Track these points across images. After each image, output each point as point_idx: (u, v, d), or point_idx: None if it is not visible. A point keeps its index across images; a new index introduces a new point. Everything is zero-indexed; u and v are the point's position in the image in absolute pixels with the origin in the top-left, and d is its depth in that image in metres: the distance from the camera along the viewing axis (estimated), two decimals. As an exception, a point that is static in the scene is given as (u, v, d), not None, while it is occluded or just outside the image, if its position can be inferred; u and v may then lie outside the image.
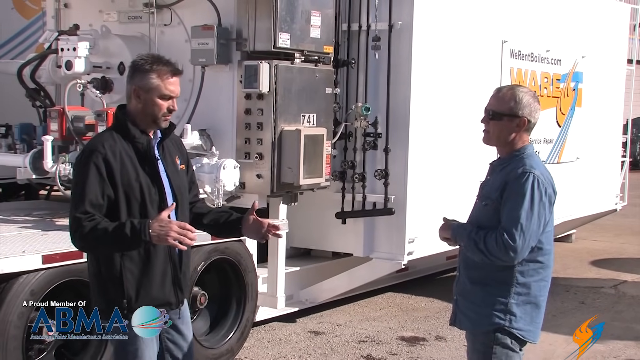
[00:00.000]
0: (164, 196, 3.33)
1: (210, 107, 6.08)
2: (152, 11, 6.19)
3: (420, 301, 7.81)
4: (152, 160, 3.32)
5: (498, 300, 3.35)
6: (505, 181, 3.34)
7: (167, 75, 3.29)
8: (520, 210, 3.24)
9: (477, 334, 3.44)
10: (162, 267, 3.32)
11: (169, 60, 3.37)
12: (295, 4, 5.81)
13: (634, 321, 7.32)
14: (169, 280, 3.36)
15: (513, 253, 3.23)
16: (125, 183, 3.22)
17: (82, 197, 3.16)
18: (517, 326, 3.35)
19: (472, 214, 3.54)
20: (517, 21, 7.83)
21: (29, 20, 8.62)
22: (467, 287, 3.47)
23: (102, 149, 3.20)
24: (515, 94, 3.40)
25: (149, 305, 3.31)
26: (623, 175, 10.59)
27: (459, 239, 3.43)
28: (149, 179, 3.29)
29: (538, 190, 3.27)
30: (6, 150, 6.57)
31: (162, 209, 3.27)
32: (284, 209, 6.23)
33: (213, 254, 5.63)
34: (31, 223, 5.65)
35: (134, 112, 3.31)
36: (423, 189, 6.69)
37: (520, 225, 3.22)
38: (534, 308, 3.40)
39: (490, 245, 3.26)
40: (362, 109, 6.37)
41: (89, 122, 5.85)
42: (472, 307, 3.44)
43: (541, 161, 3.54)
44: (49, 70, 6.49)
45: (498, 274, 3.35)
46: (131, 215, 3.24)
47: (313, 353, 6.12)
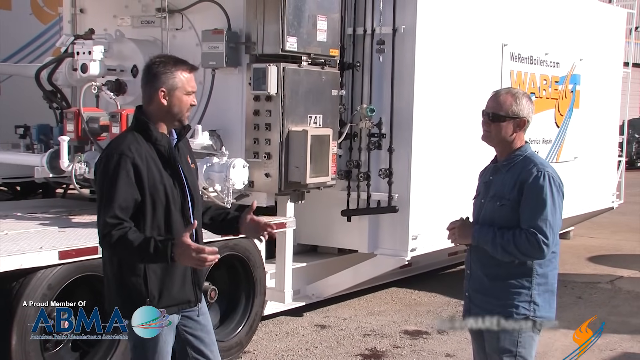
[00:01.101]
0: (185, 196, 3.31)
1: (220, 109, 6.08)
2: (165, 16, 6.20)
3: (423, 296, 7.80)
4: (174, 162, 3.29)
5: (522, 293, 3.43)
6: (520, 181, 3.38)
7: (186, 72, 3.29)
8: (546, 208, 3.32)
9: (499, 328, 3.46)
10: (183, 268, 3.29)
11: (182, 58, 3.36)
12: (303, 9, 5.81)
13: (629, 315, 7.31)
14: (189, 280, 3.35)
15: (547, 248, 3.32)
16: (151, 185, 3.18)
17: (112, 201, 3.10)
18: (540, 314, 3.45)
19: (484, 214, 3.52)
20: (516, 25, 7.81)
21: (46, 25, 8.63)
22: (486, 284, 3.49)
23: (129, 152, 3.15)
24: (515, 95, 3.48)
25: (172, 303, 3.30)
26: (619, 175, 10.56)
27: (482, 244, 3.44)
28: (171, 180, 3.26)
29: (554, 186, 3.37)
30: (25, 150, 6.60)
31: (184, 209, 3.27)
32: (291, 207, 6.23)
33: (223, 250, 5.62)
34: (48, 220, 5.67)
35: (156, 113, 3.26)
36: (426, 187, 6.68)
37: (549, 222, 3.32)
38: (551, 295, 3.51)
39: (522, 246, 3.32)
40: (366, 110, 6.37)
41: (103, 123, 5.86)
42: (495, 301, 3.47)
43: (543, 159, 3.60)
44: (66, 73, 6.51)
45: (518, 269, 3.42)
46: (155, 217, 3.21)
47: (319, 346, 6.12)
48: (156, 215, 3.21)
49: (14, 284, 4.38)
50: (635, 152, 24.83)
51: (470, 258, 3.59)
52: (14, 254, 4.40)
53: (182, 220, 3.27)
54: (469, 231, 3.48)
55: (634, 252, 10.64)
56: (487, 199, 3.52)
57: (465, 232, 3.49)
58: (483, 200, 3.55)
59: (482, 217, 3.52)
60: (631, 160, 22.50)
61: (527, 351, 3.46)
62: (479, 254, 3.50)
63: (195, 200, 3.38)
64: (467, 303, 3.62)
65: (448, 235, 3.57)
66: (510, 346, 3.44)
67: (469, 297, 3.60)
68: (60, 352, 4.71)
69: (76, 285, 4.67)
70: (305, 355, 5.88)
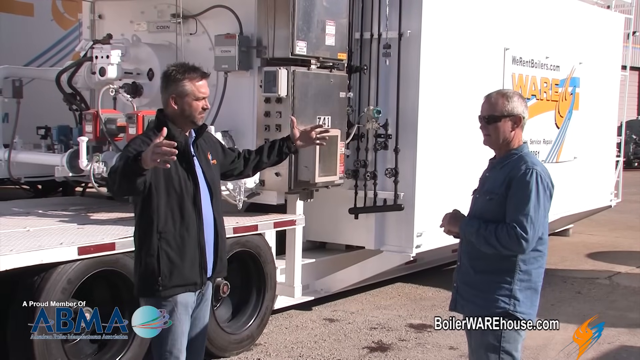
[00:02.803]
0: (198, 188, 3.49)
1: (233, 110, 6.08)
2: (179, 21, 6.21)
3: (428, 291, 7.77)
4: (189, 157, 3.49)
5: (503, 287, 3.38)
6: (509, 177, 3.35)
7: (197, 80, 3.48)
8: (529, 204, 3.27)
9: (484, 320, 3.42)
10: (193, 251, 3.47)
11: (196, 66, 3.54)
12: (312, 14, 5.80)
13: (627, 310, 7.26)
14: (197, 263, 3.50)
15: (525, 243, 3.26)
16: (166, 175, 3.38)
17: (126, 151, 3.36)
18: (521, 310, 3.38)
19: (475, 208, 3.53)
20: (518, 30, 7.77)
21: (66, 31, 8.67)
22: (472, 276, 3.47)
23: (148, 140, 3.33)
24: (506, 95, 3.46)
25: (181, 283, 3.43)
26: (617, 174, 10.52)
27: (468, 235, 3.43)
28: (185, 173, 3.46)
29: (542, 185, 3.31)
30: (45, 150, 6.61)
31: (196, 199, 3.46)
32: (301, 205, 6.22)
33: (235, 247, 5.62)
34: (68, 217, 5.68)
35: (172, 116, 3.48)
36: (430, 186, 6.66)
37: (530, 217, 3.26)
38: (533, 293, 3.44)
39: (502, 238, 3.28)
40: (373, 111, 6.35)
41: (120, 124, 5.86)
42: (479, 294, 3.44)
43: (538, 159, 3.55)
44: (85, 77, 6.52)
45: (502, 263, 3.38)
46: (169, 203, 3.40)
47: (327, 339, 6.11)
48: (170, 201, 3.40)
49: (36, 279, 4.39)
50: (632, 152, 24.74)
51: (461, 249, 3.57)
52: (36, 249, 4.41)
53: (194, 209, 3.46)
54: (457, 221, 3.49)
55: (631, 249, 10.58)
56: (480, 194, 3.51)
57: (454, 221, 3.50)
58: (477, 196, 3.54)
59: (474, 211, 3.52)
60: (629, 160, 22.42)
61: (511, 346, 3.39)
62: (468, 247, 3.48)
63: (213, 192, 3.57)
64: (454, 294, 3.59)
65: (440, 224, 3.57)
66: (494, 341, 3.39)
67: (456, 288, 3.57)
68: (79, 344, 4.72)
69: (94, 280, 4.68)
70: (314, 348, 5.87)
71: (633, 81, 32.35)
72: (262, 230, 5.90)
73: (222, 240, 3.62)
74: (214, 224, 3.57)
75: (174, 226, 3.41)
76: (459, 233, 3.49)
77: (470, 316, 3.44)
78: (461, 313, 3.55)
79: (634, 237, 11.49)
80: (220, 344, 5.52)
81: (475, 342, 3.50)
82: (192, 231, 3.44)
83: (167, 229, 3.40)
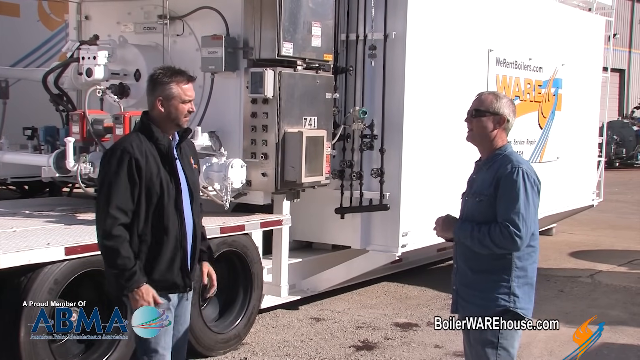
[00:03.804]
0: (180, 191, 3.49)
1: (219, 111, 6.06)
2: (166, 22, 6.18)
3: (413, 290, 7.79)
4: (172, 160, 3.49)
5: (502, 285, 3.41)
6: (496, 178, 3.38)
7: (184, 83, 3.49)
8: (519, 202, 3.30)
9: (484, 320, 3.44)
10: (172, 253, 3.45)
11: (182, 69, 3.55)
12: (298, 16, 5.80)
13: (608, 307, 7.32)
14: (177, 265, 3.48)
15: (520, 240, 3.29)
16: (148, 178, 3.38)
17: (110, 198, 3.32)
18: (520, 306, 3.42)
19: (466, 211, 3.54)
20: (502, 31, 7.81)
21: (52, 32, 8.59)
22: (470, 277, 3.49)
23: (130, 148, 3.36)
24: (496, 94, 3.56)
25: (158, 286, 3.41)
26: (599, 174, 10.59)
27: (462, 239, 3.45)
28: (168, 176, 3.45)
29: (528, 182, 3.34)
30: (32, 150, 6.57)
31: (178, 202, 3.45)
32: (287, 205, 6.22)
33: (222, 247, 5.61)
34: (55, 218, 5.64)
35: (158, 118, 3.48)
36: (416, 186, 6.67)
37: (522, 215, 3.29)
38: (530, 288, 3.48)
39: (496, 238, 3.30)
40: (359, 112, 6.36)
41: (107, 125, 5.83)
42: (478, 294, 3.46)
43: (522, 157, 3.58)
44: (71, 77, 6.48)
45: (498, 262, 3.40)
46: (150, 206, 3.38)
47: (314, 338, 6.11)
48: (150, 204, 3.39)
49: (22, 279, 4.35)
50: (613, 152, 24.94)
51: (456, 252, 3.59)
52: (22, 250, 4.38)
53: (176, 212, 3.45)
54: (450, 226, 3.50)
55: (612, 248, 10.67)
56: (469, 196, 3.53)
57: (447, 226, 3.51)
58: (467, 198, 3.56)
59: (465, 214, 3.53)
60: (610, 160, 22.60)
61: (508, 342, 3.43)
62: (463, 248, 3.50)
63: (194, 197, 3.58)
64: (454, 296, 3.61)
65: (433, 228, 3.58)
66: (492, 337, 3.42)
67: (456, 290, 3.59)
68: (66, 344, 4.68)
69: (81, 280, 4.65)
70: (300, 347, 5.86)
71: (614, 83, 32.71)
72: (249, 230, 5.89)
73: (198, 243, 3.60)
74: (193, 228, 3.56)
75: (154, 228, 3.40)
76: (453, 237, 3.50)
77: (471, 316, 3.45)
78: (463, 314, 3.56)
79: (615, 236, 11.58)
80: (207, 344, 5.50)
81: (473, 339, 3.52)
82: (172, 234, 3.43)
83: (147, 231, 3.39)
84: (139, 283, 3.31)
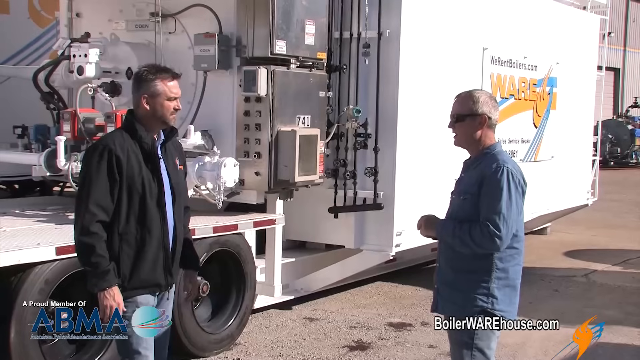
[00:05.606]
0: (162, 190, 3.48)
1: (212, 110, 6.05)
2: (158, 20, 6.15)
3: (407, 290, 7.80)
4: (155, 159, 3.48)
5: (481, 286, 3.39)
6: (481, 177, 3.37)
7: (169, 80, 3.48)
8: (501, 202, 3.28)
9: (460, 320, 3.44)
10: (155, 253, 3.45)
11: (167, 67, 3.58)
12: (291, 13, 5.79)
13: (603, 307, 7.34)
14: (160, 264, 3.49)
15: (499, 241, 3.27)
16: (129, 176, 3.37)
17: (89, 194, 3.32)
18: (499, 308, 3.40)
19: (452, 209, 3.55)
20: (496, 30, 7.82)
21: (43, 29, 8.56)
22: (450, 276, 3.48)
23: (112, 145, 3.36)
24: (472, 95, 3.49)
25: (141, 285, 3.43)
26: (594, 173, 10.62)
27: (445, 237, 3.44)
28: (150, 175, 3.44)
29: (513, 182, 3.33)
30: (23, 149, 6.54)
31: (160, 201, 3.44)
32: (281, 204, 6.21)
33: (214, 246, 5.61)
34: (45, 217, 5.63)
35: (143, 116, 3.47)
36: (410, 185, 6.68)
37: (502, 215, 3.27)
38: (512, 290, 3.45)
39: (476, 237, 3.29)
40: (353, 111, 6.35)
41: (99, 123, 5.82)
42: (457, 293, 3.45)
43: (510, 157, 3.57)
44: (62, 75, 6.45)
45: (479, 262, 3.39)
46: (132, 204, 3.38)
47: (307, 338, 6.11)
48: (132, 202, 3.38)
49: (12, 279, 4.34)
50: (608, 151, 25.03)
51: (439, 251, 3.59)
52: (12, 249, 4.37)
53: (158, 210, 3.45)
54: (432, 224, 3.50)
55: (607, 247, 10.71)
56: (456, 195, 3.54)
57: (429, 225, 3.52)
58: (454, 197, 3.56)
59: (451, 212, 3.54)
60: (604, 159, 22.67)
61: (484, 343, 3.41)
62: (445, 247, 3.50)
63: (176, 197, 3.55)
64: (435, 295, 3.61)
65: (417, 227, 3.58)
66: (467, 338, 3.41)
67: (437, 289, 3.59)
68: (57, 344, 4.67)
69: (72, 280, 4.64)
70: (293, 347, 5.86)
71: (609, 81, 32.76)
72: (242, 230, 5.89)
73: (179, 245, 3.58)
74: (174, 228, 3.54)
75: (135, 227, 3.39)
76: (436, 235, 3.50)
77: (451, 316, 3.45)
78: (442, 314, 3.57)
79: (610, 235, 11.62)
80: (200, 344, 5.50)
81: (450, 338, 3.54)
82: (155, 233, 3.42)
83: (128, 230, 3.38)
84: (110, 283, 3.31)
